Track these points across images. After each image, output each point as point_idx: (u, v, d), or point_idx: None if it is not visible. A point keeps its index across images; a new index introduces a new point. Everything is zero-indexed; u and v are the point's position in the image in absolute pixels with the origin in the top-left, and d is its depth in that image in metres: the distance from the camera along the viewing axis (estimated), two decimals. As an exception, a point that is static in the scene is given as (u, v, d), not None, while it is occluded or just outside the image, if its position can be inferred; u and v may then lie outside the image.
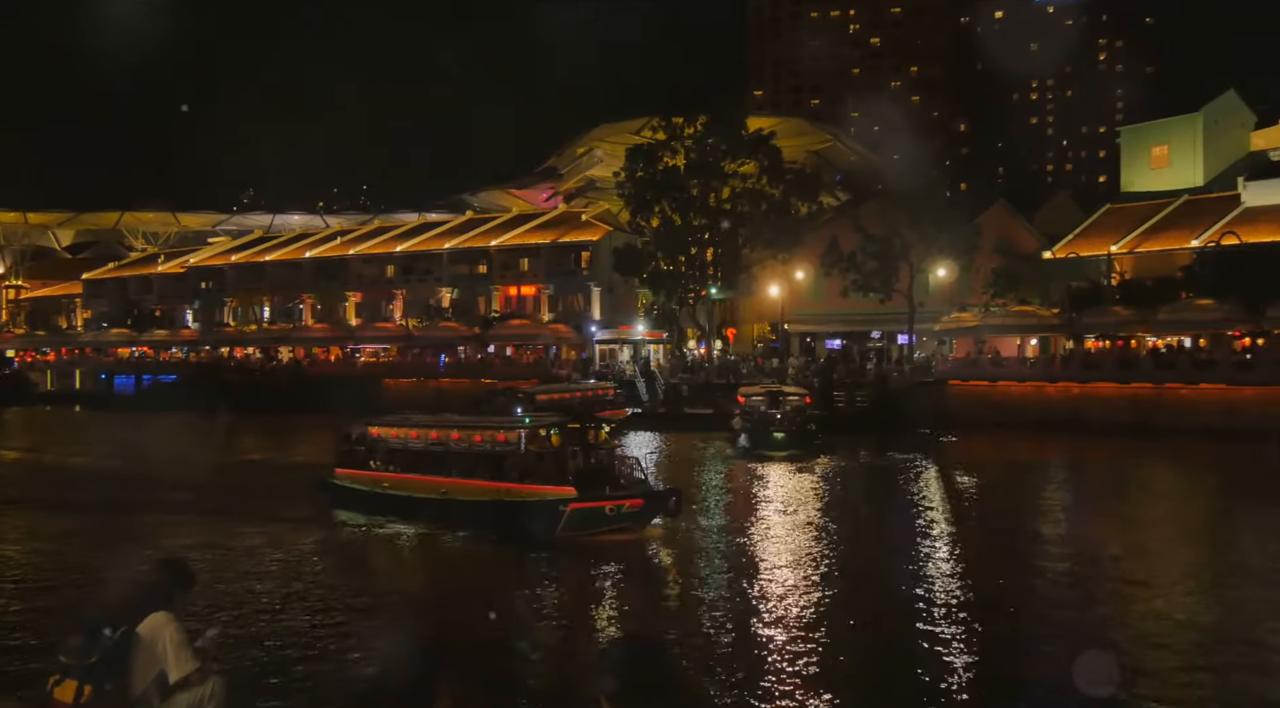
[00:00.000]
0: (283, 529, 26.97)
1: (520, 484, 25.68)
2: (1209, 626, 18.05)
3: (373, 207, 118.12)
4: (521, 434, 26.52)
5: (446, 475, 27.27)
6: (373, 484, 29.04)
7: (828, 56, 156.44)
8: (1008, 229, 72.08)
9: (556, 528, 24.37)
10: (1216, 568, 22.79)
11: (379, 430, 30.32)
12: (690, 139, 69.02)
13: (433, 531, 26.00)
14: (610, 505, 24.75)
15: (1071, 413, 52.35)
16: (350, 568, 23.57)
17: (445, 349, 75.97)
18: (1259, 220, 59.58)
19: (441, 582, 22.78)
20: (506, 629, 17.46)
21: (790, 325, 74.26)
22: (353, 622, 18.13)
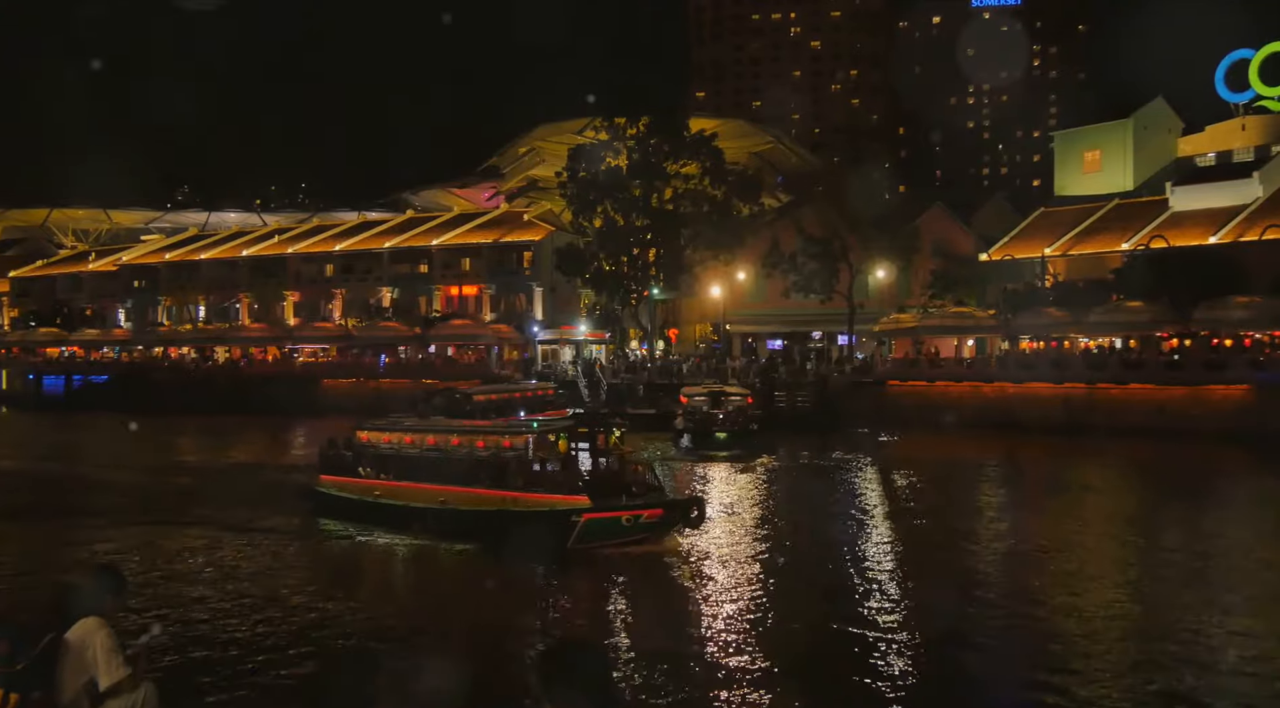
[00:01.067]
0: (264, 539, 25.97)
1: (527, 493, 24.14)
2: (1134, 619, 18.47)
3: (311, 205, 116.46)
4: (529, 440, 24.95)
5: (445, 483, 25.64)
6: (362, 492, 27.49)
7: (768, 59, 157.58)
8: (945, 231, 73.17)
9: (568, 540, 22.95)
10: (1143, 564, 23.34)
11: (368, 435, 28.90)
12: (632, 139, 69.10)
13: (429, 542, 24.75)
14: (627, 515, 23.15)
15: (1006, 412, 53.23)
16: (335, 580, 22.43)
17: (386, 349, 75.28)
18: (1186, 224, 61.15)
19: (436, 597, 21.60)
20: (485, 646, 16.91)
21: (732, 326, 74.69)
22: (313, 630, 17.76)
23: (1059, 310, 57.49)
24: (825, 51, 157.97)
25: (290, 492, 30.73)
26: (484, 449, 25.73)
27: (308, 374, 74.93)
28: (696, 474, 38.62)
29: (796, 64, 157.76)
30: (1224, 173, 66.28)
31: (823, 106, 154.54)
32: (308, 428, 60.07)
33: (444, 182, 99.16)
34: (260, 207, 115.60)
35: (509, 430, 25.95)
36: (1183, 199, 63.99)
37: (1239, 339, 51.75)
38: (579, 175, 69.47)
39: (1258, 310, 49.87)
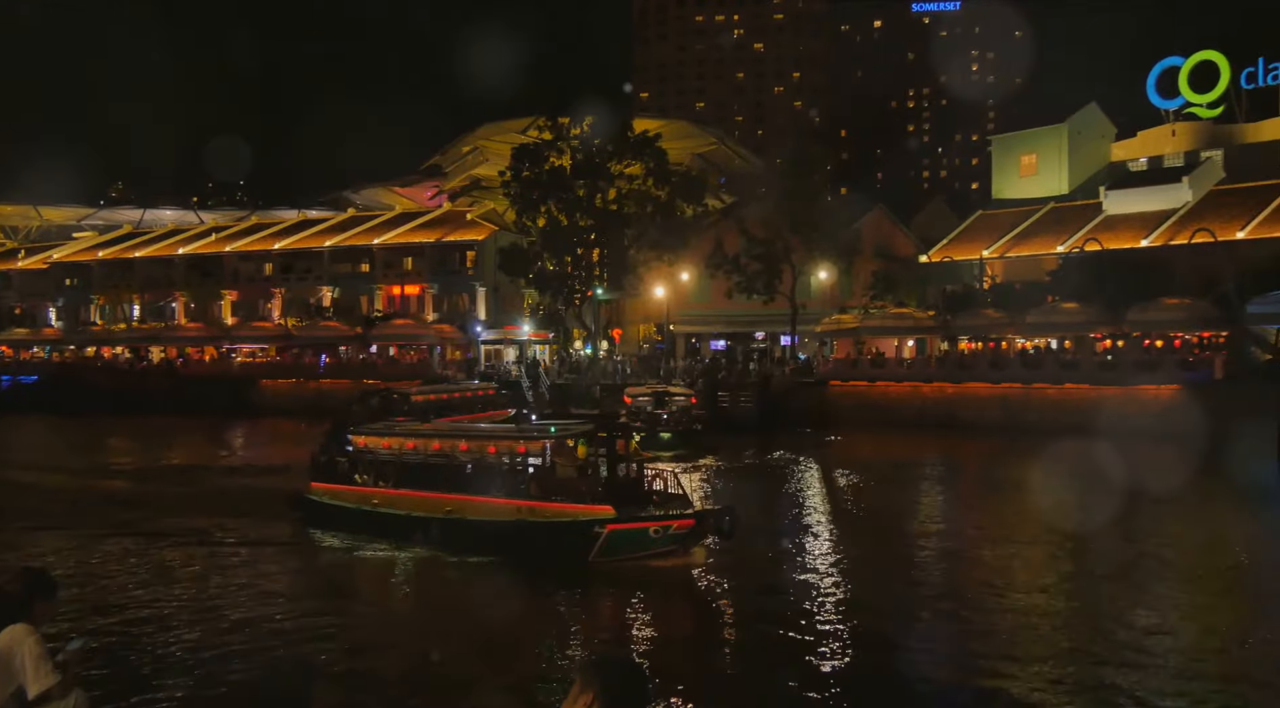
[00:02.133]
0: (252, 551, 24.78)
1: (546, 502, 22.64)
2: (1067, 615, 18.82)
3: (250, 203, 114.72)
4: (546, 446, 23.43)
5: (452, 492, 24.14)
6: (359, 501, 25.98)
7: (712, 60, 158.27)
8: (886, 233, 74.09)
9: (591, 552, 21.61)
10: (1076, 561, 23.78)
11: (366, 439, 27.25)
12: (576, 139, 68.97)
13: (434, 554, 23.41)
14: (655, 526, 21.56)
15: (946, 412, 53.99)
16: (330, 596, 21.07)
17: (326, 349, 74.36)
18: (1119, 227, 62.49)
19: (442, 616, 20.03)
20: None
21: (676, 326, 74.87)
22: (308, 650, 16.99)
23: (997, 311, 58.43)
24: (768, 54, 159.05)
25: (266, 498, 29.53)
26: (496, 455, 24.25)
27: (246, 374, 73.90)
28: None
29: (740, 66, 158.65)
30: (1155, 178, 67.85)
31: (765, 108, 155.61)
32: (246, 429, 59.23)
33: (386, 180, 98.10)
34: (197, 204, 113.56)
35: (524, 435, 24.31)
36: (1116, 203, 65.37)
37: (1169, 340, 53.00)
38: (523, 175, 69.19)
39: (1187, 312, 51.11)
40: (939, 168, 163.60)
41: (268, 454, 48.50)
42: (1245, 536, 27.31)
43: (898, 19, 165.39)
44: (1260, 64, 69.04)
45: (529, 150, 69.72)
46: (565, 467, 23.19)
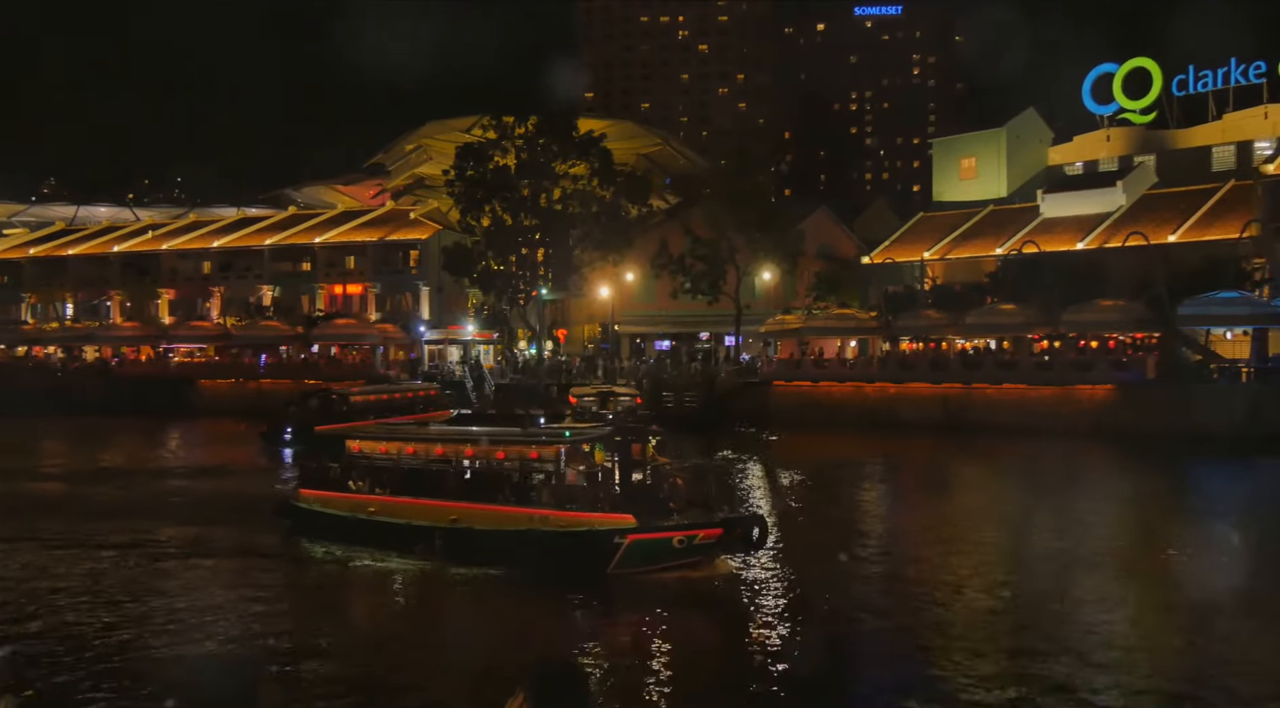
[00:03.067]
0: (238, 563, 23.50)
1: (562, 511, 21.45)
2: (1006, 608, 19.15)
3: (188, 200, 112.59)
4: (561, 451, 22.10)
5: (456, 499, 22.96)
6: (354, 509, 24.52)
7: (657, 61, 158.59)
8: (829, 235, 74.80)
9: (610, 564, 20.57)
10: (1013, 556, 24.22)
11: (361, 444, 25.80)
12: (521, 139, 68.75)
13: (436, 565, 22.22)
14: (679, 536, 20.47)
15: (888, 412, 54.63)
16: (324, 611, 20.10)
17: (266, 349, 73.34)
18: (1055, 230, 63.68)
19: (446, 631, 18.87)
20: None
21: (620, 327, 74.94)
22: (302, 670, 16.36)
23: (937, 312, 59.20)
24: (713, 55, 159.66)
25: (240, 506, 28.42)
26: (505, 461, 22.90)
27: (183, 374, 72.74)
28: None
29: (685, 67, 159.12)
30: (1090, 182, 69.25)
31: (710, 110, 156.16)
32: (183, 430, 58.24)
33: (328, 178, 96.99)
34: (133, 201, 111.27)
35: (536, 440, 22.91)
36: (1052, 206, 66.60)
37: (1104, 341, 54.11)
38: (467, 174, 68.84)
39: (1121, 313, 52.18)
40: (881, 170, 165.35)
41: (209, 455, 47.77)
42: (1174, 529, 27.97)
43: (841, 22, 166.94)
44: (1190, 72, 70.78)
45: (473, 149, 69.40)
46: (580, 473, 22.07)
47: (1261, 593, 20.85)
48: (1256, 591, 20.97)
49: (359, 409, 50.20)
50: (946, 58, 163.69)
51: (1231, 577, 22.35)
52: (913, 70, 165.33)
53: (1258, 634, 17.76)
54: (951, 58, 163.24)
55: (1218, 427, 42.88)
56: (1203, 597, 20.39)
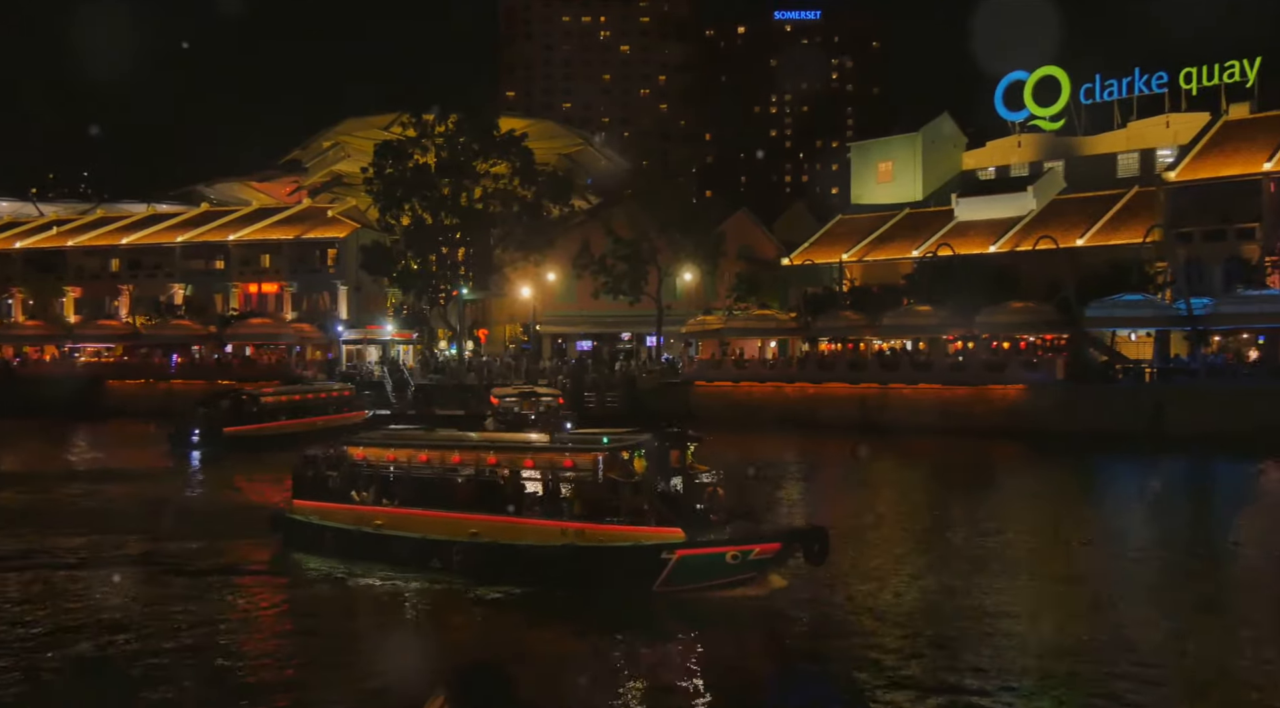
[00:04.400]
0: (226, 580, 21.96)
1: (601, 524, 19.70)
2: (924, 606, 19.50)
3: (95, 196, 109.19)
4: (599, 459, 20.34)
5: (478, 511, 21.12)
6: (357, 521, 22.67)
7: (579, 61, 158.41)
8: (750, 236, 75.48)
9: (656, 581, 18.91)
10: (930, 552, 24.70)
11: (365, 451, 23.76)
12: (441, 137, 68.11)
13: (453, 583, 20.43)
14: (734, 551, 18.80)
15: (808, 412, 55.28)
16: (330, 634, 18.37)
17: (178, 349, 71.55)
18: (969, 233, 65.12)
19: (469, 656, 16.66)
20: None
21: (542, 327, 74.69)
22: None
23: (855, 314, 60.08)
24: (634, 56, 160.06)
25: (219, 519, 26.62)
26: (534, 470, 21.23)
27: (91, 375, 70.56)
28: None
29: (606, 67, 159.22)
30: (1002, 186, 70.93)
31: (631, 110, 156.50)
32: (90, 432, 56.51)
33: (242, 174, 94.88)
34: (36, 196, 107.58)
35: (570, 447, 21.35)
36: (966, 210, 68.09)
37: (1015, 342, 55.46)
38: (386, 172, 67.98)
39: (1031, 315, 53.55)
40: (800, 172, 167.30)
41: (117, 458, 46.38)
42: (1079, 523, 28.79)
43: (760, 26, 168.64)
44: (1097, 80, 72.89)
45: (392, 147, 68.57)
46: (619, 483, 20.12)
47: (1156, 583, 21.63)
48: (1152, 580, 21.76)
49: (270, 410, 49.24)
50: (865, 62, 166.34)
51: (1132, 567, 23.14)
52: (831, 75, 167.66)
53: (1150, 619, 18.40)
54: (870, 63, 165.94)
55: (1123, 426, 44.25)
56: (1102, 587, 21.09)
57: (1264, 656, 16.53)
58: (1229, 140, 57.99)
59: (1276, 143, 54.97)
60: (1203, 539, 26.74)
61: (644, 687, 15.65)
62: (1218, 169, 55.87)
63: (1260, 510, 31.50)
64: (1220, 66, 66.07)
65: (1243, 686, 15.17)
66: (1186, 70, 67.85)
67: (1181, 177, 56.66)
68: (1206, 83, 66.81)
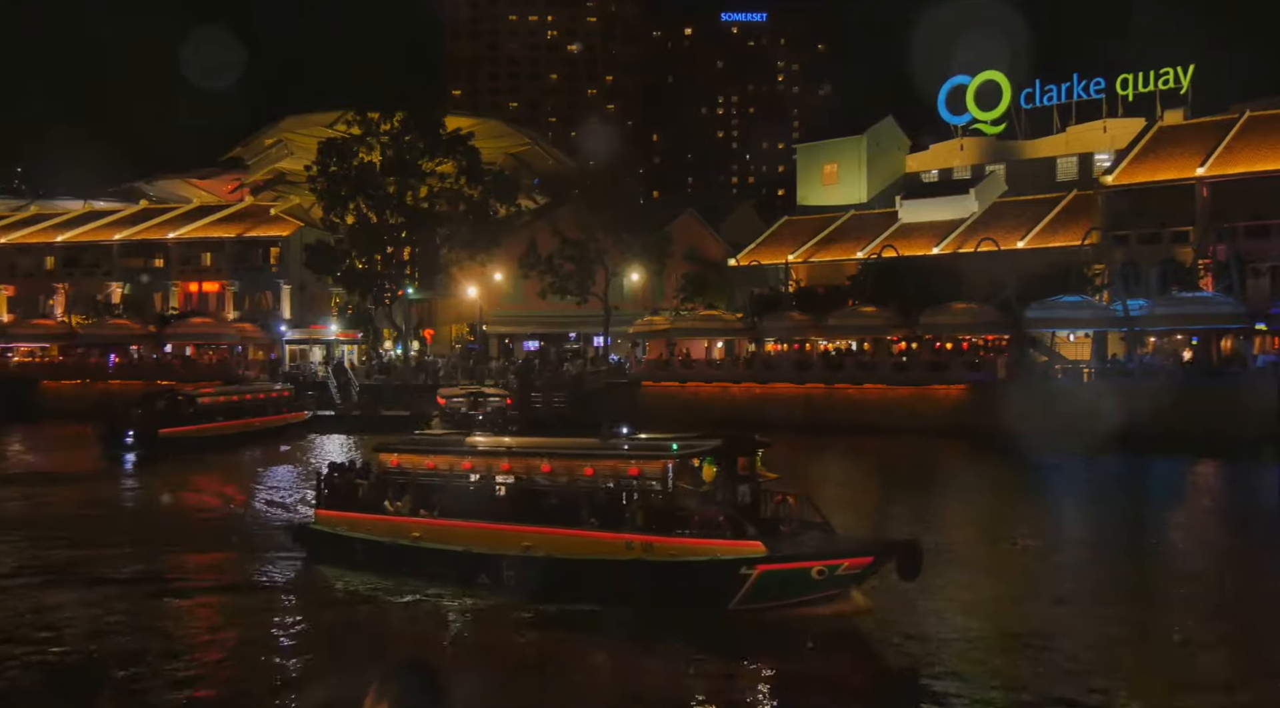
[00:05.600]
0: (249, 598, 20.46)
1: (672, 537, 18.31)
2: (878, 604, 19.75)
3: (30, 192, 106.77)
4: (668, 466, 18.85)
5: (531, 522, 19.77)
6: (393, 533, 21.16)
7: (526, 60, 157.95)
8: (697, 237, 75.72)
9: (733, 598, 17.59)
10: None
11: (399, 457, 22.18)
12: (386, 135, 67.53)
13: (502, 600, 18.94)
14: (820, 566, 17.46)
15: (754, 411, 55.55)
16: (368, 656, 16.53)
17: (116, 349, 70.14)
18: (913, 235, 65.97)
19: (530, 682, 16.04)
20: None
21: (489, 327, 74.34)
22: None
23: (801, 314, 60.52)
24: (582, 56, 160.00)
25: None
26: (594, 478, 19.69)
27: (24, 375, 68.98)
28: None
29: (553, 67, 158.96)
30: (945, 189, 71.95)
31: (578, 110, 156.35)
32: (24, 434, 55.29)
33: (183, 171, 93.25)
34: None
35: (636, 454, 19.74)
36: (910, 212, 68.97)
37: (958, 343, 56.26)
38: (330, 170, 67.26)
39: (973, 316, 54.33)
40: (747, 174, 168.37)
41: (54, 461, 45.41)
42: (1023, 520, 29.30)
43: (707, 27, 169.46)
44: (1037, 86, 74.19)
45: (336, 145, 67.83)
46: (690, 492, 18.88)
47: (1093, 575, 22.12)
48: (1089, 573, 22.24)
49: (206, 411, 48.52)
50: (811, 65, 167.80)
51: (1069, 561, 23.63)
52: (778, 77, 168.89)
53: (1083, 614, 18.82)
54: (816, 65, 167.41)
55: (1062, 424, 45.02)
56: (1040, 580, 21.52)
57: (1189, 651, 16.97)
58: (1164, 146, 59.34)
59: (1209, 148, 56.35)
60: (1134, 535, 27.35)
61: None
62: (1153, 174, 57.14)
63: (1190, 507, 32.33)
64: (1155, 73, 67.65)
65: (1168, 677, 15.52)
66: (1123, 76, 69.36)
67: (1118, 181, 57.86)
68: (1142, 89, 68.33)
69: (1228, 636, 17.85)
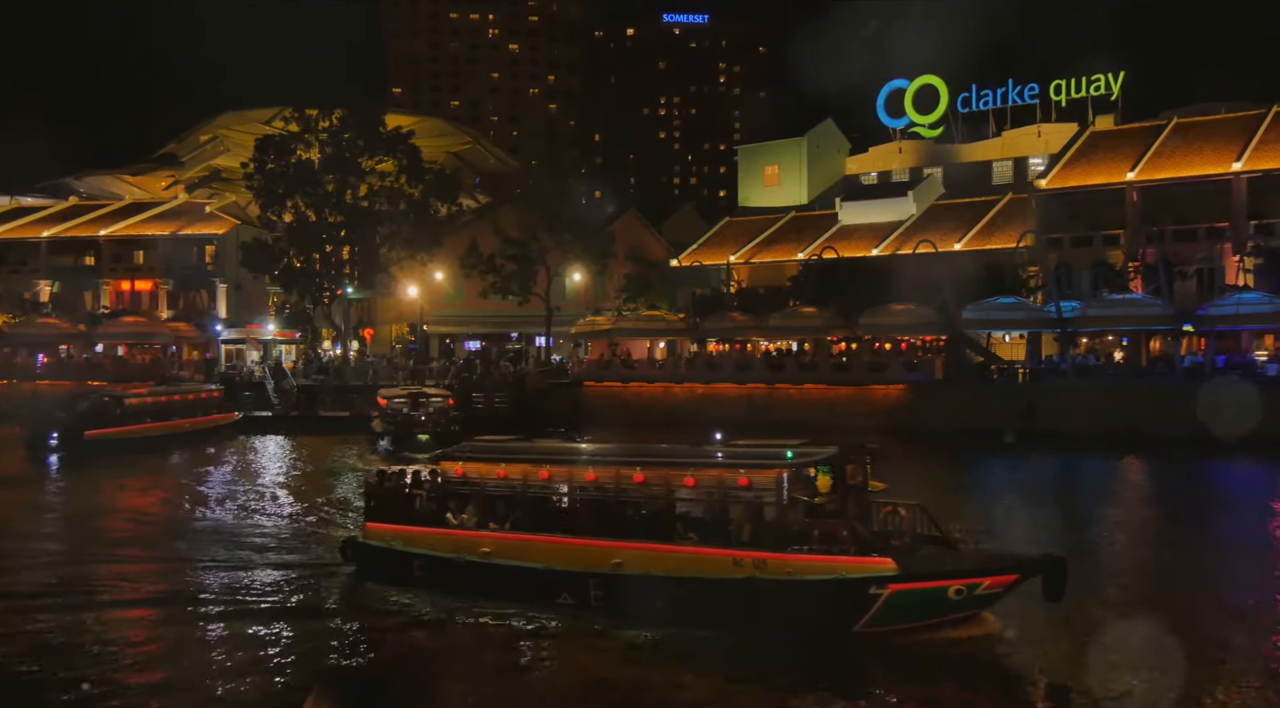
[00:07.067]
0: (289, 622, 18.33)
1: (789, 554, 16.61)
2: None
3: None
4: (783, 476, 17.23)
5: (621, 538, 17.97)
6: (457, 549, 19.32)
7: (466, 59, 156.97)
8: (639, 237, 75.83)
9: (859, 620, 16.20)
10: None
11: (465, 466, 20.22)
12: (325, 133, 66.72)
13: (593, 623, 17.29)
14: (959, 584, 16.05)
15: (696, 412, 55.74)
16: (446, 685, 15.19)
17: (44, 349, 68.41)
18: (852, 237, 66.70)
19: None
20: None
21: (430, 327, 73.79)
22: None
23: (742, 315, 60.86)
24: (523, 55, 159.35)
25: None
26: (697, 489, 18.11)
27: (-53, 376, 66.98)
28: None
29: (495, 66, 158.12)
30: (884, 191, 72.86)
31: (520, 110, 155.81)
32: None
33: (114, 167, 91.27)
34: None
35: (745, 462, 17.85)
36: (850, 214, 69.73)
37: (897, 343, 56.97)
38: (267, 167, 66.29)
39: (912, 317, 55.01)
40: (689, 175, 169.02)
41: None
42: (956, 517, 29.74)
43: (649, 28, 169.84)
44: (973, 90, 75.35)
45: (274, 142, 66.86)
46: (806, 505, 17.58)
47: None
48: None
49: (134, 412, 47.57)
50: (752, 67, 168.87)
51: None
52: (719, 78, 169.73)
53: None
54: (756, 67, 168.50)
55: (998, 424, 45.86)
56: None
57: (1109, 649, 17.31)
58: (1095, 150, 60.64)
59: (1139, 154, 57.70)
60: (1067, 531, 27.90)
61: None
62: (1085, 178, 58.35)
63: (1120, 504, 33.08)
64: (1087, 79, 69.08)
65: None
66: (1056, 82, 70.75)
67: (1052, 185, 59.00)
68: (1075, 95, 69.74)
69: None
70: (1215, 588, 20.98)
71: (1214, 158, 55.05)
